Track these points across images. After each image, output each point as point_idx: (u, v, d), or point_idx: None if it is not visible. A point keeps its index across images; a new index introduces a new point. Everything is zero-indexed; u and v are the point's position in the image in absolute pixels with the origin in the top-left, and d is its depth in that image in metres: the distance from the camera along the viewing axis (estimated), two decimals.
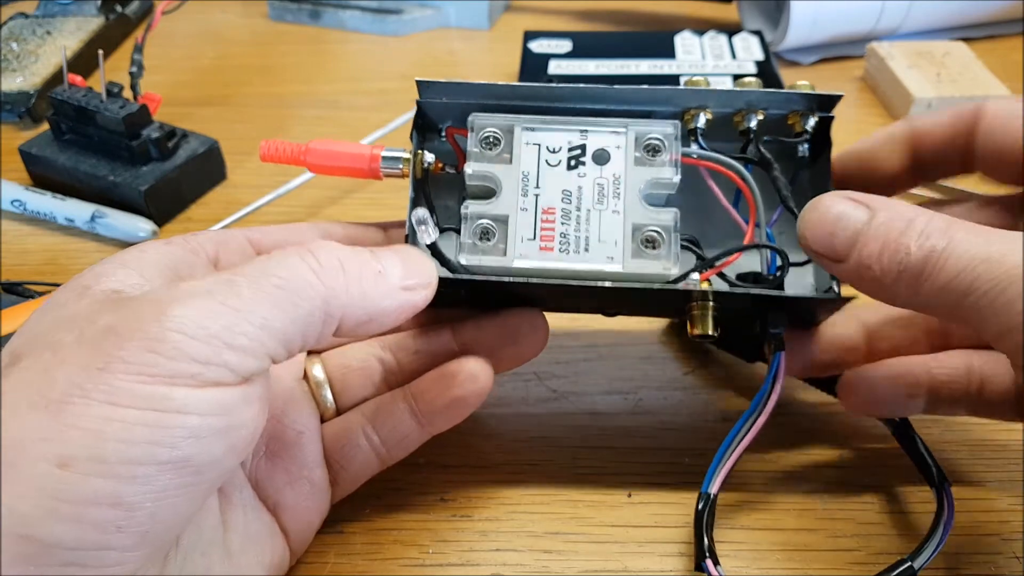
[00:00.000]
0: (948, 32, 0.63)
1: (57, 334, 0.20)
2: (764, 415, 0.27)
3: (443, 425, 0.29)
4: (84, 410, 0.19)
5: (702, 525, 0.27)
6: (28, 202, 0.45)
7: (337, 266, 0.22)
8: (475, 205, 0.27)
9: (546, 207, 0.27)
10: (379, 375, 0.31)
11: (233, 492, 0.26)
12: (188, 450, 0.20)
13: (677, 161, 0.28)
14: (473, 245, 0.27)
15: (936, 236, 0.22)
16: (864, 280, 0.24)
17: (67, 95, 0.46)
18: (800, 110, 0.29)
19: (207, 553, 0.24)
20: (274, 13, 0.70)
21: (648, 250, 0.27)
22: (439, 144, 0.30)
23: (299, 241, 0.29)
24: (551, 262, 0.27)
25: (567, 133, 0.28)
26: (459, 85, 0.29)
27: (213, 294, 0.21)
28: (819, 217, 0.24)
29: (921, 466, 0.30)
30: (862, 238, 0.23)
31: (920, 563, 0.27)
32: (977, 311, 0.21)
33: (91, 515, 0.19)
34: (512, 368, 0.31)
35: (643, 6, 0.72)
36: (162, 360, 0.19)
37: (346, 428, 0.29)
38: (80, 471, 0.18)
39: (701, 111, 0.28)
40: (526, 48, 0.58)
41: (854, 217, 0.24)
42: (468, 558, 0.29)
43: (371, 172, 0.29)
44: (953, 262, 0.22)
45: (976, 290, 0.21)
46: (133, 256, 0.24)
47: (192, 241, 0.26)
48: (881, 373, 0.29)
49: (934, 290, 0.22)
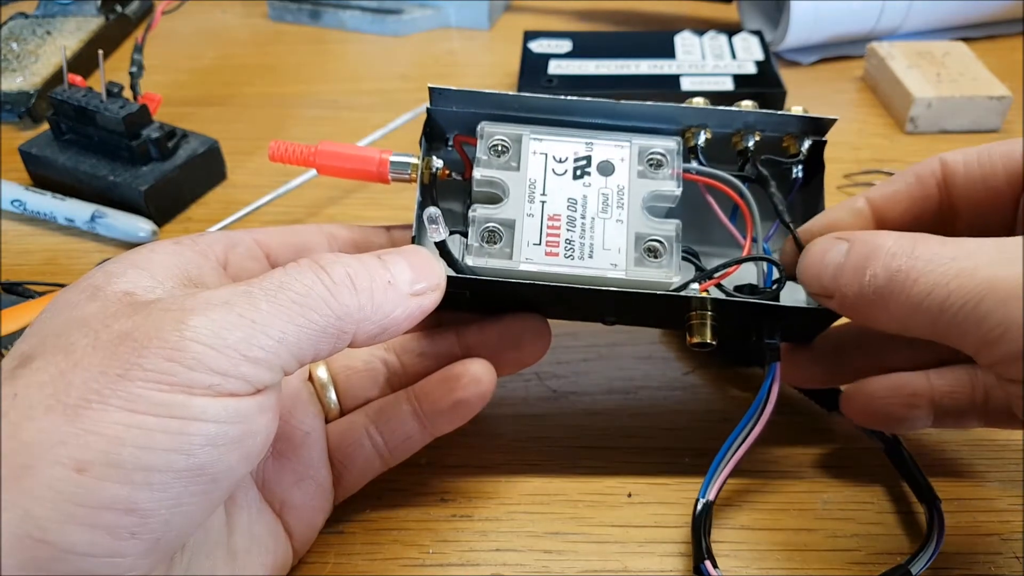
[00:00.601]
0: (948, 32, 0.63)
1: (70, 336, 0.20)
2: (760, 424, 0.27)
3: (446, 427, 0.29)
4: (102, 415, 0.19)
5: (700, 529, 0.27)
6: (28, 202, 0.45)
7: (348, 284, 0.23)
8: (483, 209, 0.28)
9: (552, 214, 0.28)
10: (383, 377, 0.31)
11: (239, 494, 0.26)
12: (204, 458, 0.20)
13: (679, 175, 0.29)
14: (480, 247, 0.28)
15: (901, 256, 0.22)
16: (847, 309, 0.24)
17: (67, 95, 0.46)
18: (795, 132, 0.30)
19: (211, 555, 0.24)
20: (274, 13, 0.70)
21: (650, 259, 0.28)
22: (445, 153, 0.31)
23: (306, 244, 0.29)
24: (556, 267, 0.27)
25: (573, 144, 0.29)
26: (471, 94, 0.29)
27: (232, 305, 0.21)
28: (809, 259, 0.25)
29: (911, 483, 0.30)
30: (840, 271, 0.24)
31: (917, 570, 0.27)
32: (955, 326, 0.21)
33: (106, 520, 0.19)
34: (514, 372, 0.31)
35: (643, 6, 0.72)
36: (181, 369, 0.19)
37: (350, 429, 0.29)
38: (97, 476, 0.18)
39: (701, 130, 0.29)
40: (526, 48, 0.58)
41: (836, 252, 0.24)
42: (468, 558, 0.29)
43: (379, 176, 0.30)
44: (923, 280, 0.22)
45: (951, 306, 0.21)
46: (143, 257, 0.24)
47: (201, 243, 0.26)
48: (881, 384, 0.29)
49: (907, 309, 0.22)
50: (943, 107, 0.51)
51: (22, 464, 0.18)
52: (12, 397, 0.19)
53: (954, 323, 0.21)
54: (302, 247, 0.29)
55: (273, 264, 0.28)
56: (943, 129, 0.52)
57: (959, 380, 0.28)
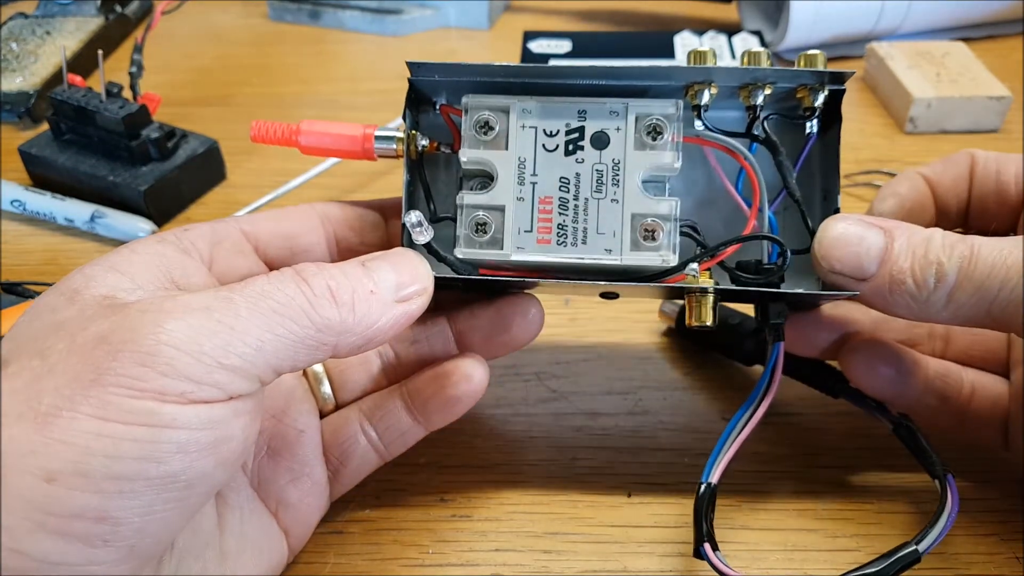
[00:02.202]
0: (948, 32, 0.63)
1: (47, 340, 0.20)
2: (764, 404, 0.27)
3: (440, 422, 0.29)
4: (71, 424, 0.19)
5: (702, 511, 0.27)
6: (28, 202, 0.45)
7: (329, 297, 0.22)
8: (471, 196, 0.27)
9: (543, 196, 0.27)
10: (377, 367, 0.31)
11: (230, 495, 0.26)
12: (176, 465, 0.20)
13: (678, 144, 0.27)
14: (469, 238, 0.27)
15: (960, 245, 0.24)
16: (895, 295, 0.25)
17: (67, 95, 0.46)
18: (810, 84, 0.27)
19: (201, 556, 0.24)
20: (274, 13, 0.70)
21: (647, 241, 0.26)
22: (433, 117, 0.29)
23: (296, 232, 0.28)
24: (549, 255, 0.27)
25: (564, 115, 0.27)
26: (451, 66, 0.27)
27: (211, 310, 0.20)
28: (840, 238, 0.25)
29: (922, 459, 0.29)
30: (889, 255, 0.25)
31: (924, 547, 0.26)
32: (1011, 303, 0.23)
33: (77, 529, 0.18)
34: (508, 352, 0.31)
35: (643, 6, 0.72)
36: (153, 375, 0.19)
37: (344, 424, 0.29)
38: (66, 486, 0.18)
39: (706, 87, 0.27)
40: (526, 48, 0.58)
41: (874, 236, 0.25)
42: (468, 558, 0.29)
43: (364, 152, 0.29)
44: (983, 263, 0.23)
45: (1009, 281, 0.23)
46: (123, 259, 0.23)
47: (185, 240, 0.26)
48: (885, 343, 0.30)
49: (968, 294, 0.24)
50: (943, 107, 0.51)
51: None
52: None
53: (1010, 300, 0.23)
54: (292, 236, 0.28)
55: (262, 256, 0.28)
56: (943, 129, 0.52)
57: (951, 369, 0.30)
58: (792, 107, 0.28)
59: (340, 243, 0.29)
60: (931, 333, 0.31)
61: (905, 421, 0.30)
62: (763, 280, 0.27)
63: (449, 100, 0.29)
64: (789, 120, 0.28)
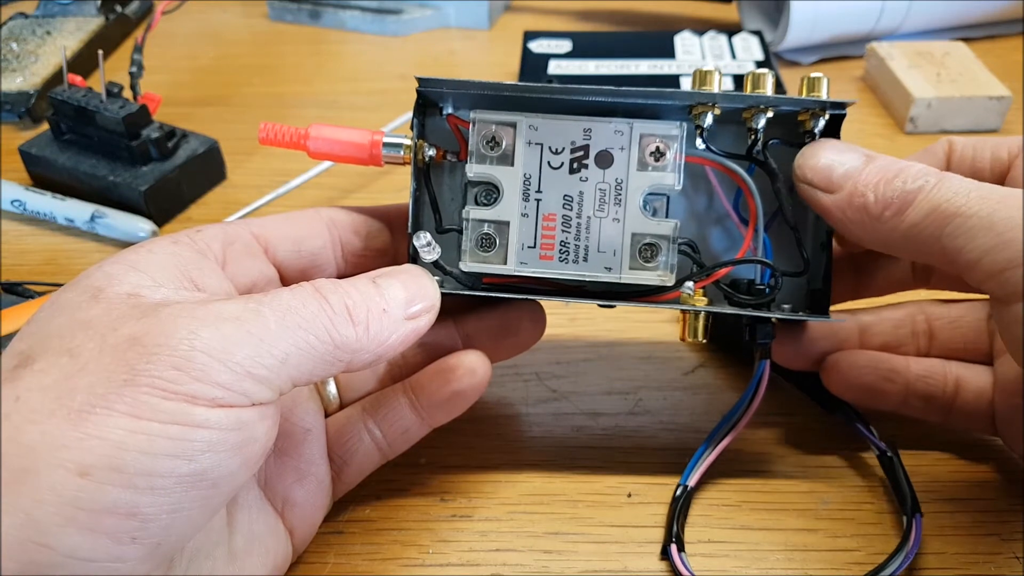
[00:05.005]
0: (948, 32, 0.63)
1: (75, 339, 0.20)
2: (746, 418, 0.29)
3: (443, 418, 0.30)
4: (106, 420, 0.19)
5: (674, 513, 0.28)
6: (28, 202, 0.45)
7: (346, 315, 0.23)
8: (476, 211, 0.28)
9: (547, 213, 0.28)
10: (383, 369, 0.31)
11: (240, 494, 0.26)
12: (205, 463, 0.20)
13: (680, 165, 0.28)
14: (474, 251, 0.28)
15: (932, 175, 0.24)
16: (852, 208, 0.26)
17: (67, 95, 0.46)
18: (812, 108, 0.28)
19: (212, 555, 0.24)
20: (274, 13, 0.70)
21: (646, 260, 0.28)
22: (440, 120, 0.30)
23: (305, 235, 0.29)
24: (550, 270, 0.28)
25: (570, 133, 0.28)
26: (460, 83, 0.28)
27: (243, 321, 0.21)
28: (820, 150, 0.27)
29: (897, 492, 0.30)
30: (859, 172, 0.26)
31: None
32: (963, 233, 0.23)
33: (107, 525, 0.19)
34: (512, 356, 0.32)
35: (643, 6, 0.72)
36: (186, 379, 0.20)
37: (348, 423, 0.29)
38: (99, 480, 0.18)
39: (709, 109, 0.28)
40: (526, 48, 0.58)
41: (852, 155, 0.26)
42: (468, 558, 0.29)
43: (372, 159, 0.29)
44: (945, 190, 0.24)
45: (963, 212, 0.23)
46: (142, 257, 0.24)
47: (199, 241, 0.26)
48: (863, 357, 0.31)
49: (921, 215, 0.24)
50: (943, 107, 0.51)
51: (24, 467, 0.18)
52: (14, 400, 0.19)
53: (961, 231, 0.23)
54: (300, 239, 0.29)
55: (272, 258, 0.29)
56: (943, 129, 0.52)
57: (933, 367, 0.31)
58: (791, 128, 0.29)
59: (345, 247, 0.30)
60: (914, 331, 0.32)
61: (889, 452, 0.31)
62: (754, 301, 0.28)
63: (456, 107, 0.29)
64: (789, 146, 0.29)
